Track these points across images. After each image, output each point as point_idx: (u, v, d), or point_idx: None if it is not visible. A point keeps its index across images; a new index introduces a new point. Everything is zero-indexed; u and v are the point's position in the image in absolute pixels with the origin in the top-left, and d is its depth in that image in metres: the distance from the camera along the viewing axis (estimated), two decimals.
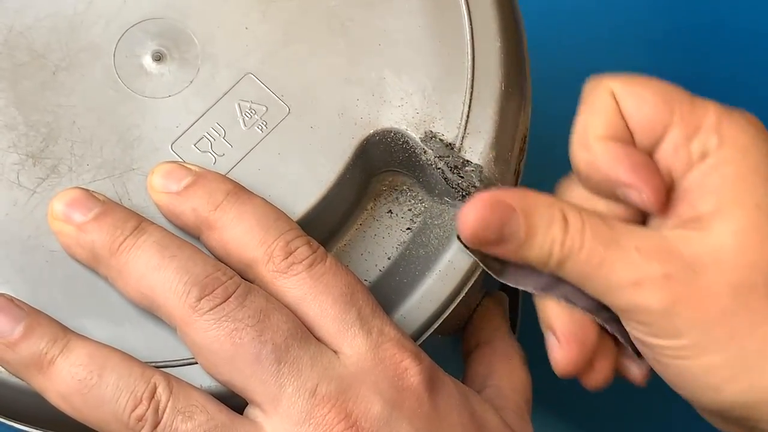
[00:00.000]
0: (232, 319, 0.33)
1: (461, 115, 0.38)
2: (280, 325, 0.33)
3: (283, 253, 0.34)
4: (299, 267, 0.34)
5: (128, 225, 0.35)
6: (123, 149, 0.37)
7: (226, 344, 0.33)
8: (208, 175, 0.36)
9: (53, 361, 0.34)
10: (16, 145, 0.37)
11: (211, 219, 0.35)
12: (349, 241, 0.38)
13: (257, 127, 0.38)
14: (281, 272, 0.34)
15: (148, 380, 0.33)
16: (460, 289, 0.38)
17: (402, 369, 0.34)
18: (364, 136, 0.37)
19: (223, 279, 0.34)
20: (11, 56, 0.38)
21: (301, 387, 0.33)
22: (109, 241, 0.34)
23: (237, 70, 0.38)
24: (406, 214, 0.39)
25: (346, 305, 0.34)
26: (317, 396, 0.33)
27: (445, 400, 0.35)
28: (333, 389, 0.33)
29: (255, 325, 0.33)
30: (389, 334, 0.34)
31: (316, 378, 0.33)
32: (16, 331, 0.34)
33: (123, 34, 0.39)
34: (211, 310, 0.33)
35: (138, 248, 0.34)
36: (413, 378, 0.34)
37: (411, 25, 0.39)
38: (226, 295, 0.33)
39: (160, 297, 0.34)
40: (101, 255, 0.35)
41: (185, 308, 0.33)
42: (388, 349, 0.34)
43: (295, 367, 0.33)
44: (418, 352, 0.35)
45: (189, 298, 0.33)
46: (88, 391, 0.33)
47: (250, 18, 0.39)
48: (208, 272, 0.34)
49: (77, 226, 0.35)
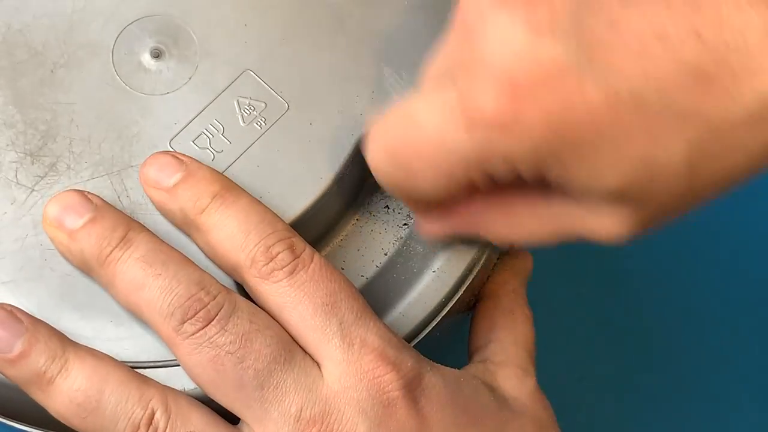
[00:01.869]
0: (213, 345, 0.33)
1: None
2: (262, 350, 0.33)
3: (264, 259, 0.34)
4: (280, 274, 0.34)
5: (115, 235, 0.34)
6: (121, 146, 0.37)
7: (208, 369, 0.33)
8: (197, 173, 0.35)
9: (52, 381, 0.34)
10: (14, 143, 0.37)
11: (197, 222, 0.35)
12: (345, 236, 0.38)
13: (256, 124, 0.38)
14: (263, 278, 0.34)
15: (146, 405, 0.33)
16: (458, 286, 0.38)
17: (384, 383, 0.34)
18: (364, 133, 0.37)
19: (206, 300, 0.34)
20: (9, 54, 0.38)
21: (285, 412, 0.33)
22: (97, 252, 0.34)
23: (236, 67, 0.38)
24: (402, 210, 0.39)
25: (326, 315, 0.34)
26: (302, 421, 0.33)
27: (432, 405, 0.34)
28: (317, 412, 0.33)
29: (236, 352, 0.33)
30: (372, 344, 0.34)
31: (300, 401, 0.33)
32: (15, 348, 0.34)
33: (121, 32, 0.39)
34: (193, 334, 0.33)
35: (124, 263, 0.34)
36: (396, 392, 0.34)
37: (410, 21, 0.39)
38: (209, 319, 0.33)
39: (146, 315, 0.34)
40: (91, 264, 0.35)
41: (169, 330, 0.33)
42: (370, 361, 0.34)
43: (278, 391, 0.33)
44: (400, 359, 0.34)
45: (172, 321, 0.33)
46: (86, 415, 0.33)
47: (249, 14, 0.39)
48: (191, 293, 0.34)
49: (68, 234, 0.35)
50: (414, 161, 0.33)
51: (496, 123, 0.30)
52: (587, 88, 0.28)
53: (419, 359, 0.35)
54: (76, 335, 0.35)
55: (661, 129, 0.28)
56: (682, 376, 0.58)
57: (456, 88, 0.31)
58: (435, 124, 0.31)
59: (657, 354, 0.58)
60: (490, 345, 0.40)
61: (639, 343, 0.59)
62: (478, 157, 0.31)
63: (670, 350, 0.59)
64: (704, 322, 0.59)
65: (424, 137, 0.32)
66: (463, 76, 0.31)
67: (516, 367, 0.39)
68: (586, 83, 0.28)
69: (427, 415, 0.34)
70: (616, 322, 0.59)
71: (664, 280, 0.60)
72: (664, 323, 0.59)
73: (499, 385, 0.38)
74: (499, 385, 0.38)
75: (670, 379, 0.58)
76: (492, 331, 0.40)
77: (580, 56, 0.28)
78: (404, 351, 0.35)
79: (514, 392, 0.38)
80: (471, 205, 0.35)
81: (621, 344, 0.58)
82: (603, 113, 0.29)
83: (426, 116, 0.32)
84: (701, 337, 0.59)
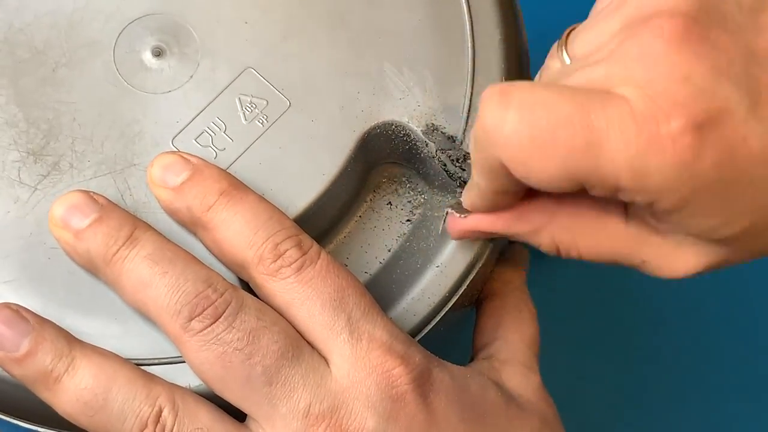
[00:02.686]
0: (221, 342, 0.33)
1: (463, 108, 0.38)
2: (270, 346, 0.33)
3: (272, 256, 0.34)
4: (288, 270, 0.34)
5: (121, 234, 0.35)
6: (124, 145, 0.37)
7: (216, 366, 0.33)
8: (204, 171, 0.36)
9: (59, 380, 0.34)
10: (17, 142, 0.37)
11: (204, 220, 0.35)
12: (349, 233, 0.38)
13: (258, 121, 0.38)
14: (270, 275, 0.34)
15: (153, 402, 0.33)
16: (461, 281, 0.38)
17: (394, 377, 0.34)
18: (365, 129, 0.37)
19: (214, 297, 0.34)
20: (11, 53, 0.38)
21: (293, 407, 0.33)
22: (103, 251, 0.34)
23: (237, 65, 0.38)
24: (405, 206, 0.39)
25: (334, 311, 0.34)
26: (311, 416, 0.33)
27: (441, 400, 0.35)
28: (326, 407, 0.33)
29: (244, 348, 0.33)
30: (380, 339, 0.34)
31: (309, 397, 0.33)
32: (21, 347, 0.34)
33: (122, 30, 0.39)
34: (201, 331, 0.33)
35: (130, 261, 0.34)
36: (405, 386, 0.34)
37: (411, 17, 0.39)
38: (216, 316, 0.33)
39: (152, 313, 0.34)
40: (97, 264, 0.35)
41: (177, 327, 0.33)
42: (378, 356, 0.34)
43: (286, 386, 0.33)
44: (408, 354, 0.34)
45: (180, 318, 0.33)
46: (93, 414, 0.33)
47: (250, 12, 0.39)
48: (198, 290, 0.34)
49: (74, 234, 0.35)
50: (551, 149, 0.29)
51: (678, 153, 0.28)
52: (750, 135, 0.29)
53: (427, 355, 0.35)
54: (80, 333, 0.35)
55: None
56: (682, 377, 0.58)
57: (631, 102, 0.29)
58: (599, 128, 0.29)
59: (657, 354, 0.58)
60: (495, 342, 0.40)
61: (639, 343, 0.59)
62: (629, 176, 0.29)
63: (670, 350, 0.59)
64: (704, 322, 0.59)
65: (579, 133, 0.29)
66: (640, 96, 0.29)
67: (521, 365, 0.39)
68: (749, 131, 0.29)
69: (436, 409, 0.34)
70: (617, 321, 0.59)
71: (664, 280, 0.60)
72: (664, 323, 0.59)
73: (504, 382, 0.38)
74: (504, 382, 0.38)
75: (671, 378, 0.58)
76: (498, 328, 0.40)
77: (747, 103, 0.29)
78: (412, 346, 0.35)
79: (520, 389, 0.38)
80: (540, 204, 0.34)
81: (621, 344, 0.58)
82: (758, 162, 0.29)
83: (592, 114, 0.29)
84: (702, 336, 0.59)
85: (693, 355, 0.59)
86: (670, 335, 0.59)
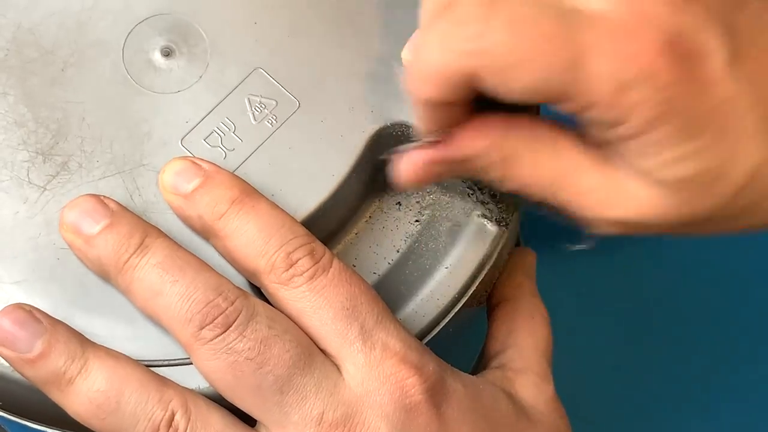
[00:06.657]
0: (232, 351, 0.33)
1: None
2: (282, 355, 0.33)
3: (284, 265, 0.34)
4: (300, 279, 0.34)
5: (132, 242, 0.34)
6: (133, 145, 0.37)
7: (227, 375, 0.33)
8: (216, 177, 0.35)
9: (72, 381, 0.34)
10: (26, 142, 0.37)
11: (215, 228, 0.35)
12: (357, 233, 0.38)
13: (267, 122, 0.38)
14: (282, 284, 0.34)
15: (166, 406, 0.33)
16: (470, 282, 0.38)
17: (407, 387, 0.34)
18: (375, 130, 0.37)
19: (224, 306, 0.33)
20: (20, 53, 0.38)
21: (306, 415, 0.33)
22: (114, 259, 0.34)
23: (246, 65, 0.38)
24: (414, 206, 0.39)
25: (347, 319, 0.34)
26: (323, 424, 0.33)
27: (454, 410, 0.34)
28: (339, 416, 0.33)
29: (255, 358, 0.33)
30: (393, 348, 0.34)
31: (322, 405, 0.33)
32: (35, 348, 0.34)
33: (131, 30, 0.39)
34: (211, 340, 0.33)
35: (141, 269, 0.34)
36: (419, 396, 0.34)
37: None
38: (227, 324, 0.33)
39: (164, 321, 0.34)
40: (108, 271, 0.35)
41: (187, 336, 0.33)
42: (392, 365, 0.34)
43: (299, 395, 0.33)
44: (422, 363, 0.34)
45: (191, 326, 0.33)
46: (106, 416, 0.33)
47: (259, 12, 0.39)
48: (209, 299, 0.33)
49: (85, 240, 0.35)
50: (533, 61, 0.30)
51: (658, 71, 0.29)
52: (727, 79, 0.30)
53: (440, 364, 0.35)
54: (89, 334, 0.35)
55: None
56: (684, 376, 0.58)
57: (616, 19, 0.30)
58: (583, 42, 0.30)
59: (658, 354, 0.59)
60: (508, 351, 0.39)
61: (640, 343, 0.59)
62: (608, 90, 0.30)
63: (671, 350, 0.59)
64: (706, 322, 0.59)
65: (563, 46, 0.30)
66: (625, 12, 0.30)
67: (534, 375, 0.38)
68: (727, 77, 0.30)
69: (449, 420, 0.34)
70: (617, 321, 0.59)
71: (665, 279, 0.60)
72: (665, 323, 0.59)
73: (517, 392, 0.38)
74: (517, 392, 0.38)
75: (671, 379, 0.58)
76: (510, 335, 0.40)
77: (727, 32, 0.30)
78: (425, 355, 0.35)
79: (532, 400, 0.38)
80: (493, 121, 0.33)
81: (622, 344, 0.58)
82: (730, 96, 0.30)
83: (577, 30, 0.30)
84: (703, 336, 0.59)
85: (694, 356, 0.59)
86: (671, 336, 0.59)
